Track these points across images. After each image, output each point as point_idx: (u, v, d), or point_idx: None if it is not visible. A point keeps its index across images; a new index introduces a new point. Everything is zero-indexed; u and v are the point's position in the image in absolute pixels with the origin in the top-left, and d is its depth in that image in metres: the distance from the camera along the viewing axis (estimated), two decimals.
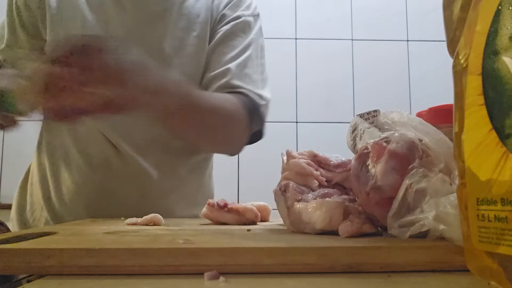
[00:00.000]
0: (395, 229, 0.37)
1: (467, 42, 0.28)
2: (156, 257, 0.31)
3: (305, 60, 1.93)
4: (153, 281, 0.29)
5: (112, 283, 0.29)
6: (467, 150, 0.27)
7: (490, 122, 0.25)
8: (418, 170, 0.38)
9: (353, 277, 0.31)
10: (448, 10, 0.31)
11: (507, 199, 0.24)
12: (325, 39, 1.94)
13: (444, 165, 0.39)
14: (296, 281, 0.29)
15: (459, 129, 0.28)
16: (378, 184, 0.39)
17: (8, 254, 0.31)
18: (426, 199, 0.36)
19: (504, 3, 0.25)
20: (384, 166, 0.39)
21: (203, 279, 0.29)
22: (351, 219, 0.41)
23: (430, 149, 0.40)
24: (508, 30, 0.24)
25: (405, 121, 0.44)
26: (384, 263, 0.32)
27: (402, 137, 0.41)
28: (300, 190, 0.47)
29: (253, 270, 0.31)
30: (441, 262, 0.32)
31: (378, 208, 0.39)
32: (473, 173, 0.26)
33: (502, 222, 0.24)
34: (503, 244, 0.24)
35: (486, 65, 0.26)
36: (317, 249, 0.32)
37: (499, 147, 0.24)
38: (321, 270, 0.31)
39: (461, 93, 0.28)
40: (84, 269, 0.31)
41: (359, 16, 1.96)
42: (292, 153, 0.51)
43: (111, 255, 0.31)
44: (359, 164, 0.43)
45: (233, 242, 0.35)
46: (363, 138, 0.46)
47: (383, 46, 1.95)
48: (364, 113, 0.48)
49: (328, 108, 1.89)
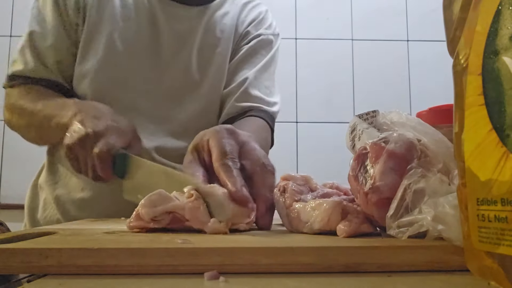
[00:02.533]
0: (393, 229, 0.37)
1: (467, 42, 0.28)
2: (155, 257, 0.31)
3: (305, 60, 1.93)
4: (152, 281, 0.29)
5: (112, 283, 0.29)
6: (467, 150, 0.27)
7: (490, 122, 0.25)
8: (417, 170, 0.38)
9: (351, 277, 0.31)
10: (448, 10, 0.31)
11: (507, 199, 0.24)
12: (325, 39, 1.94)
13: (442, 165, 0.39)
14: (295, 281, 0.29)
15: (459, 129, 0.28)
16: (377, 184, 0.39)
17: (7, 254, 0.31)
18: (424, 199, 0.36)
19: (504, 3, 0.25)
20: (382, 167, 0.39)
21: (202, 279, 0.29)
22: (349, 219, 0.40)
23: (429, 149, 0.40)
24: (508, 30, 0.24)
25: (404, 121, 0.44)
26: (382, 263, 0.32)
27: (401, 138, 0.41)
28: (299, 190, 0.47)
29: (252, 270, 0.31)
30: (440, 262, 0.32)
31: (376, 209, 0.39)
32: (473, 173, 0.26)
33: (502, 222, 0.24)
34: (503, 244, 0.24)
35: (486, 65, 0.26)
36: (315, 249, 0.32)
37: (499, 147, 0.24)
38: (320, 270, 0.31)
39: (461, 93, 0.28)
40: (83, 269, 0.31)
41: (359, 16, 1.96)
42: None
43: (110, 255, 0.31)
44: (357, 165, 0.42)
45: (232, 242, 0.35)
46: (361, 139, 0.46)
47: (383, 46, 1.95)
48: (362, 113, 0.48)
49: (328, 108, 1.89)
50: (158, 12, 0.84)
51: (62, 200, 0.82)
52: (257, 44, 0.92)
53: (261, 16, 0.95)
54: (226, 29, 0.89)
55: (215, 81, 0.88)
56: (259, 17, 0.95)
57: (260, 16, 0.95)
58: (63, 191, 0.82)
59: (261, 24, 0.94)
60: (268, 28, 0.95)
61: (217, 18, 0.88)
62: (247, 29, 0.92)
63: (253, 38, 0.92)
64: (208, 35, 0.87)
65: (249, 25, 0.93)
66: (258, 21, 0.94)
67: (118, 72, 0.81)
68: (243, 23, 0.92)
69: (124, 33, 0.82)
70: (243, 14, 0.93)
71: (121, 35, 0.81)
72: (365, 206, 0.40)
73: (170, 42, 0.84)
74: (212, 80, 0.87)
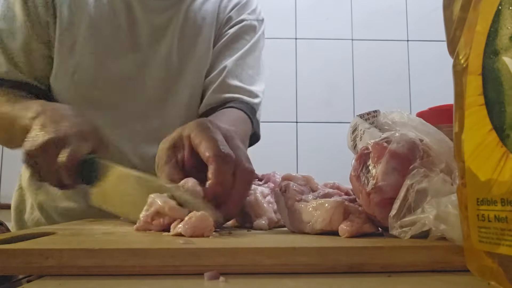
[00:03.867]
0: (396, 229, 0.37)
1: (467, 42, 0.28)
2: (156, 258, 0.31)
3: (305, 60, 1.93)
4: (153, 282, 0.29)
5: (112, 284, 0.29)
6: (467, 150, 0.27)
7: (490, 122, 0.25)
8: (419, 170, 0.38)
9: (353, 277, 0.31)
10: (448, 10, 0.31)
11: (507, 199, 0.24)
12: (325, 39, 1.94)
13: (445, 165, 0.39)
14: (297, 281, 0.29)
15: (459, 129, 0.28)
16: (379, 184, 0.39)
17: (7, 254, 0.31)
18: (427, 199, 0.36)
19: (504, 3, 0.25)
20: (385, 167, 0.39)
21: (203, 280, 0.29)
22: (351, 219, 0.40)
23: (431, 149, 0.40)
24: (508, 30, 0.24)
25: (406, 121, 0.44)
26: (385, 263, 0.32)
27: (403, 137, 0.41)
28: (300, 190, 0.47)
29: (254, 270, 0.31)
30: (442, 262, 0.32)
31: (379, 209, 0.39)
32: (473, 173, 0.26)
33: (502, 222, 0.24)
34: (503, 244, 0.24)
35: (486, 65, 0.26)
36: (317, 249, 0.32)
37: (499, 147, 0.24)
38: (322, 270, 0.31)
39: (461, 93, 0.28)
40: (84, 269, 0.31)
41: (359, 16, 1.96)
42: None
43: (111, 255, 0.31)
44: (359, 165, 0.42)
45: (233, 242, 0.35)
46: (363, 139, 0.46)
47: (383, 46, 1.95)
48: (364, 113, 0.48)
49: (328, 108, 1.89)
50: (134, 4, 0.80)
51: (45, 207, 0.80)
52: (239, 30, 0.88)
53: (244, 1, 0.91)
54: (207, 16, 0.85)
55: (198, 71, 0.84)
56: (242, 1, 0.90)
57: (242, 1, 0.90)
58: (46, 197, 0.80)
59: (244, 9, 0.90)
60: (251, 13, 0.90)
61: (196, 5, 0.85)
62: (230, 14, 0.88)
63: (235, 23, 0.88)
64: (188, 23, 0.83)
65: (231, 10, 0.89)
66: (242, 6, 0.90)
67: (97, 72, 0.78)
68: (225, 8, 0.88)
69: (99, 28, 0.78)
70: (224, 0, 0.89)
71: (96, 32, 0.77)
72: (367, 206, 0.40)
73: (148, 35, 0.81)
74: (195, 70, 0.84)
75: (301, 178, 0.49)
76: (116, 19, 0.79)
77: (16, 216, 0.86)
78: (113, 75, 0.79)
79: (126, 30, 0.80)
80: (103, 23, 0.78)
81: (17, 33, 0.76)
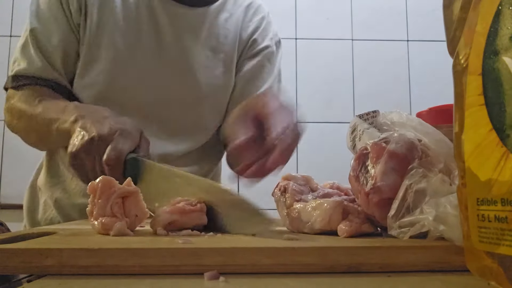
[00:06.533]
0: (395, 230, 0.37)
1: (467, 42, 0.28)
2: (155, 257, 0.31)
3: (305, 60, 1.92)
4: (153, 281, 0.29)
5: (112, 283, 0.29)
6: (467, 150, 0.27)
7: (490, 122, 0.25)
8: (418, 170, 0.38)
9: (351, 277, 0.31)
10: (448, 10, 0.31)
11: (507, 199, 0.24)
12: (325, 39, 1.94)
13: (443, 165, 0.39)
14: (296, 281, 0.29)
15: (459, 129, 0.28)
16: (378, 184, 0.39)
17: (7, 254, 0.31)
18: (426, 199, 0.36)
19: (504, 3, 0.25)
20: (383, 167, 0.39)
21: (203, 279, 0.29)
22: (350, 219, 0.41)
23: (430, 149, 0.40)
24: (508, 30, 0.24)
25: (404, 121, 0.44)
26: (384, 263, 0.32)
27: (402, 138, 0.41)
28: (299, 190, 0.47)
29: (253, 270, 0.31)
30: (441, 263, 0.32)
31: (378, 209, 0.39)
32: (473, 173, 0.26)
33: (502, 222, 0.24)
34: (503, 244, 0.24)
35: (486, 65, 0.26)
36: (316, 249, 0.32)
37: (499, 147, 0.24)
38: (321, 270, 0.31)
39: (461, 93, 0.28)
40: (84, 269, 0.31)
41: (359, 16, 1.96)
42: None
43: (111, 255, 0.31)
44: (358, 165, 0.42)
45: (233, 242, 0.35)
46: (362, 139, 0.46)
47: (383, 46, 1.95)
48: (363, 113, 0.48)
49: (328, 108, 1.89)
50: (159, 12, 0.82)
51: (62, 204, 0.81)
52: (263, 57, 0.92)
53: (265, 21, 0.94)
54: (229, 35, 0.88)
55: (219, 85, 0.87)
56: (263, 23, 0.93)
57: (263, 22, 0.94)
58: (63, 194, 0.81)
59: (267, 31, 0.94)
60: (273, 36, 0.95)
61: (220, 22, 0.87)
62: (254, 37, 0.91)
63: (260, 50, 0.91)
64: (211, 39, 0.86)
65: (254, 33, 0.92)
66: (264, 28, 0.93)
67: (123, 80, 0.80)
68: (247, 28, 0.91)
69: (126, 35, 0.80)
70: (246, 18, 0.92)
71: (123, 38, 0.80)
72: (366, 206, 0.40)
73: (173, 43, 0.83)
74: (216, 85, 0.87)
75: (300, 178, 0.49)
76: (141, 26, 0.81)
77: (28, 215, 0.87)
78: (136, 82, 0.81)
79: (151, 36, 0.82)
80: (128, 29, 0.80)
81: (53, 33, 0.78)
